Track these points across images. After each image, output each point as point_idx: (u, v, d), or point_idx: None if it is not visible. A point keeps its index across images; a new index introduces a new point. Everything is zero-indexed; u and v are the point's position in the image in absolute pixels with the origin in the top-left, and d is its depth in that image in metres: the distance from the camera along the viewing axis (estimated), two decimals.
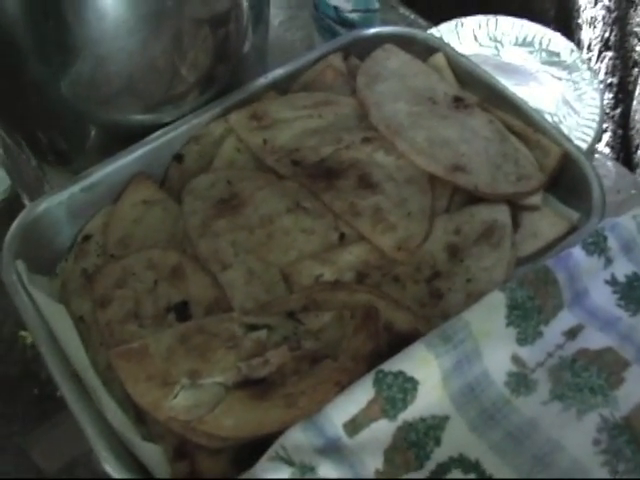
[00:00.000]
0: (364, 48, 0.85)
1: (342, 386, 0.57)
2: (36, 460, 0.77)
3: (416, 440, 0.57)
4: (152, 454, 0.59)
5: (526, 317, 0.61)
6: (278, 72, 0.84)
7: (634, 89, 1.05)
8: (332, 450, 0.55)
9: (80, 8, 0.70)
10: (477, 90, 0.80)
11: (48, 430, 0.78)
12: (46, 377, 0.64)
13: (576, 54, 0.92)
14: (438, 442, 0.57)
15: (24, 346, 0.92)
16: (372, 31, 0.87)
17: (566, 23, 1.10)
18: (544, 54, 0.94)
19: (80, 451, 0.74)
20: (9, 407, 0.90)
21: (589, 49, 1.09)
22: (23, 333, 0.69)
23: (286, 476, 0.53)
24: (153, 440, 0.60)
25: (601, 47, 1.07)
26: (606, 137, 1.14)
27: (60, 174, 0.81)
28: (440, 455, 0.57)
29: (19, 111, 0.81)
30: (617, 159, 1.13)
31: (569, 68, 0.92)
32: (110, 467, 0.58)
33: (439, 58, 0.83)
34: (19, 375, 0.92)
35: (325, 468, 0.53)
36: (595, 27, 1.06)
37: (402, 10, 1.08)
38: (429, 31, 0.95)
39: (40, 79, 0.76)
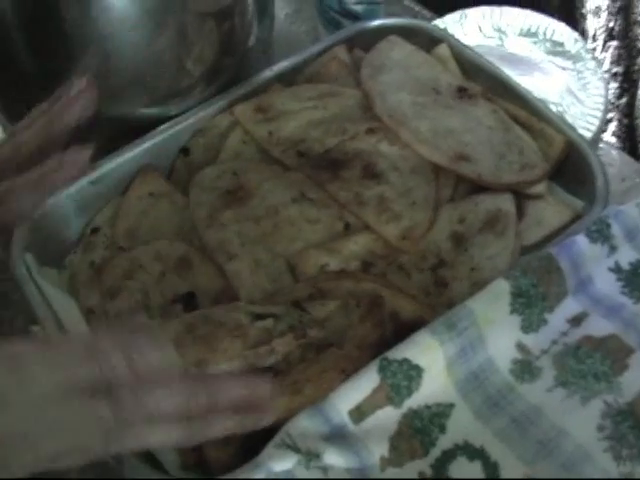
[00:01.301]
0: (368, 40, 0.85)
1: (347, 374, 0.58)
2: None
3: (421, 427, 0.57)
4: None
5: (530, 305, 0.61)
6: (283, 64, 0.84)
7: (639, 78, 1.05)
8: (338, 437, 0.55)
9: (86, 2, 0.71)
10: (481, 80, 0.81)
11: None
12: None
13: (580, 44, 0.92)
14: (443, 429, 0.58)
15: None
16: (376, 23, 0.87)
17: (570, 13, 1.10)
18: (548, 44, 0.94)
19: None
20: None
21: (594, 39, 1.09)
22: (34, 328, 0.69)
23: (292, 462, 0.53)
24: None
25: (606, 37, 1.07)
26: (612, 126, 1.13)
27: None
28: (445, 442, 0.57)
29: (26, 105, 0.82)
30: (623, 148, 1.13)
31: (573, 58, 0.92)
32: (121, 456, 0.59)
33: (443, 49, 0.83)
34: None
35: (331, 455, 0.54)
36: (599, 17, 1.06)
37: (406, 2, 1.08)
38: (433, 22, 0.95)
39: (47, 74, 0.76)
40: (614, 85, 1.09)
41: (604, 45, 1.08)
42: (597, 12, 1.06)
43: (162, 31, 0.76)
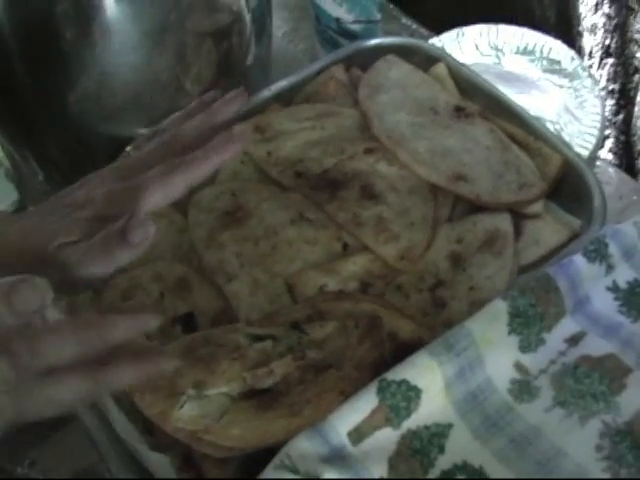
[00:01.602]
0: (366, 59, 0.85)
1: (346, 395, 0.58)
2: (46, 470, 0.78)
3: (420, 448, 0.57)
4: (160, 464, 0.60)
5: (528, 324, 0.61)
6: (281, 84, 0.84)
7: (635, 95, 1.06)
8: (337, 458, 0.55)
9: (84, 24, 0.71)
10: (478, 99, 0.81)
11: (59, 440, 0.78)
12: None
13: (577, 62, 0.93)
14: (442, 450, 0.58)
15: None
16: (373, 42, 0.87)
17: (567, 31, 1.11)
18: (545, 62, 0.94)
19: (90, 461, 0.74)
20: None
21: (590, 56, 1.10)
22: None
23: None
24: (161, 450, 0.60)
25: (602, 54, 1.08)
26: (608, 144, 1.14)
27: (67, 187, 0.82)
28: (444, 462, 0.57)
29: (26, 126, 0.82)
30: (620, 166, 1.13)
31: (570, 76, 0.92)
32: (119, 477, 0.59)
33: (440, 68, 0.84)
34: None
35: (330, 476, 0.54)
36: (596, 34, 1.07)
37: (404, 20, 1.09)
38: (430, 41, 0.96)
39: (46, 94, 0.77)
40: (611, 102, 1.10)
41: (600, 62, 1.09)
42: (593, 30, 1.06)
43: (160, 51, 0.76)
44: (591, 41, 1.08)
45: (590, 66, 1.11)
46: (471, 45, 0.97)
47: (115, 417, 0.62)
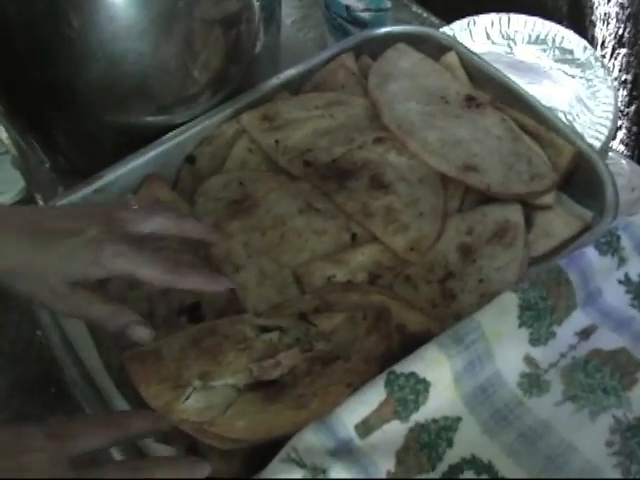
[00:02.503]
0: (376, 47, 0.85)
1: (354, 388, 0.57)
2: None
3: (428, 441, 0.57)
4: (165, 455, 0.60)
5: (539, 318, 0.61)
6: (290, 72, 0.84)
7: None
8: (344, 452, 0.55)
9: (93, 11, 0.71)
10: (489, 89, 0.80)
11: None
12: (64, 377, 0.65)
13: (589, 51, 0.92)
14: (450, 443, 0.57)
15: (41, 346, 0.93)
16: (384, 30, 0.87)
17: (579, 20, 1.09)
18: (557, 52, 0.93)
19: None
20: (26, 407, 0.91)
21: (603, 46, 1.09)
22: (40, 333, 0.69)
23: (298, 477, 0.53)
24: (166, 441, 0.60)
25: (615, 44, 1.07)
26: (620, 134, 1.13)
27: (73, 176, 0.82)
28: (452, 456, 0.57)
29: (32, 113, 0.82)
30: (632, 157, 1.12)
31: (582, 66, 0.91)
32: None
33: (451, 57, 0.83)
34: (37, 375, 0.92)
35: (337, 470, 0.54)
36: (609, 24, 1.06)
37: (415, 8, 1.08)
38: (442, 29, 0.95)
39: (53, 82, 0.76)
40: (623, 93, 1.09)
41: (613, 52, 1.07)
42: (606, 19, 1.05)
43: (168, 39, 0.75)
44: (604, 31, 1.07)
45: (603, 56, 1.10)
46: (482, 34, 0.96)
47: (120, 408, 0.62)
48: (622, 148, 1.15)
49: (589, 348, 0.61)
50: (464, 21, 0.96)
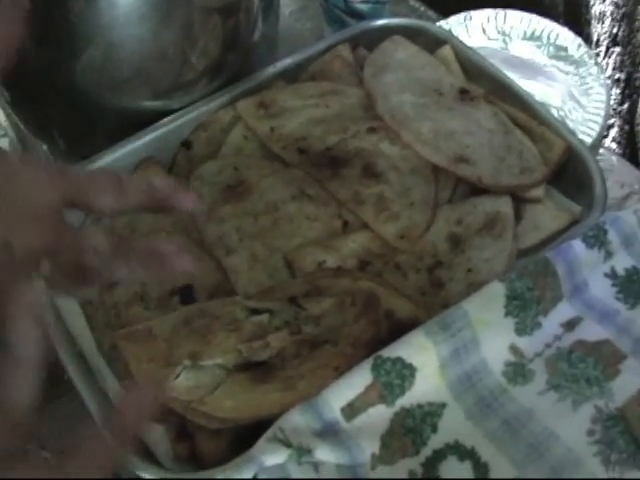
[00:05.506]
0: (372, 39, 0.85)
1: (341, 371, 0.58)
2: (43, 439, 0.78)
3: (413, 426, 0.58)
4: (154, 434, 0.60)
5: (525, 307, 0.61)
6: (287, 61, 0.84)
7: None
8: (329, 433, 0.56)
9: None
10: (483, 83, 0.81)
11: (56, 410, 0.78)
12: (56, 359, 0.65)
13: (583, 49, 0.93)
14: (434, 429, 0.58)
15: None
16: (381, 22, 0.87)
17: (575, 18, 1.10)
18: (552, 48, 0.94)
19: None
20: None
21: (597, 44, 1.10)
22: None
23: (284, 457, 0.54)
24: (156, 421, 0.61)
25: (609, 43, 1.08)
26: (613, 133, 1.14)
27: (70, 159, 0.82)
28: (436, 442, 0.58)
29: (31, 96, 0.82)
30: (623, 155, 1.13)
31: (576, 63, 0.92)
32: None
33: (446, 50, 0.84)
34: None
35: (322, 451, 0.54)
36: (603, 22, 1.06)
37: (412, 2, 1.08)
38: (438, 24, 0.95)
39: (51, 65, 0.77)
40: (616, 91, 1.10)
41: (607, 51, 1.08)
42: (601, 18, 1.06)
43: (167, 25, 0.76)
44: (599, 29, 1.08)
45: (597, 54, 1.10)
46: (478, 29, 0.96)
47: (111, 386, 0.63)
48: (614, 146, 1.16)
49: (574, 339, 0.62)
50: (460, 16, 0.97)
